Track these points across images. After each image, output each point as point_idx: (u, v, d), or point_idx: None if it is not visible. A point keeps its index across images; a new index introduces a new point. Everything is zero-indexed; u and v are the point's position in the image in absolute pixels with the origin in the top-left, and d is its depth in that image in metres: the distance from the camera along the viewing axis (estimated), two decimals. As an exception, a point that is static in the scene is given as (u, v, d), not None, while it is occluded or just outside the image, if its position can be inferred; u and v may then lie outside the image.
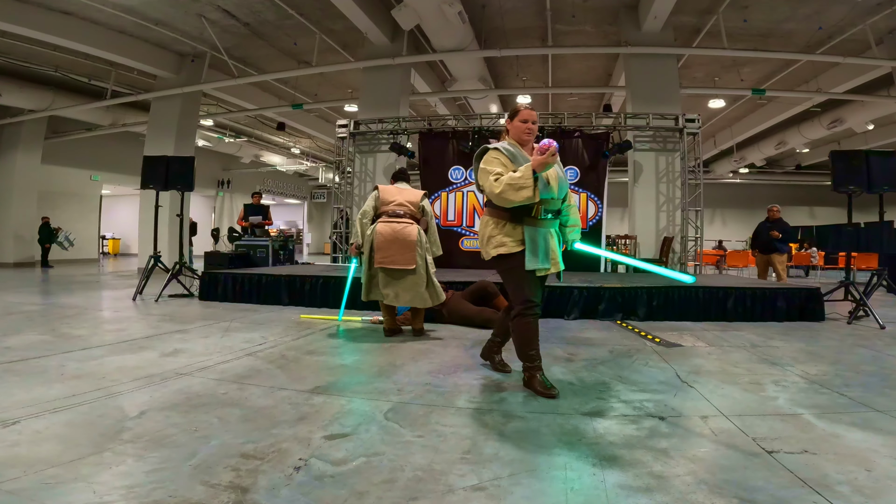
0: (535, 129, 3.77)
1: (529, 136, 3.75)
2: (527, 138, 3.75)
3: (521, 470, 2.38)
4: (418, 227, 5.55)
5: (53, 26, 11.93)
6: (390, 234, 5.42)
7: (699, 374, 4.17)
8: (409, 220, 5.55)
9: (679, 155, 11.89)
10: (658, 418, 3.10)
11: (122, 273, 15.41)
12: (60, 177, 20.52)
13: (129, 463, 2.36)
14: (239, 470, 2.31)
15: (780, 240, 10.30)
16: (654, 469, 2.39)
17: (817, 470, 2.38)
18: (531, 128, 3.74)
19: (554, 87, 16.69)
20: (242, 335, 5.52)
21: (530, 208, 3.56)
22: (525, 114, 3.74)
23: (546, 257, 3.59)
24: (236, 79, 14.41)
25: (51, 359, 4.30)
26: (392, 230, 5.43)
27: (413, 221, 5.56)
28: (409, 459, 2.47)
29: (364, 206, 5.68)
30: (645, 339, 5.74)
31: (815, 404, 3.39)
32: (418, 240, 5.46)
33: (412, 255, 5.41)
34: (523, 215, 3.59)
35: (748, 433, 2.84)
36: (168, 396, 3.35)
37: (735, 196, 30.58)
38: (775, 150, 22.60)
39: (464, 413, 3.17)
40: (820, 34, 12.65)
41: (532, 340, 3.69)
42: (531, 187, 3.33)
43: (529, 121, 3.73)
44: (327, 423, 2.94)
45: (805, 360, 4.78)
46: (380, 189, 5.73)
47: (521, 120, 3.73)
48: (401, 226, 5.47)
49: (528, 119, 3.73)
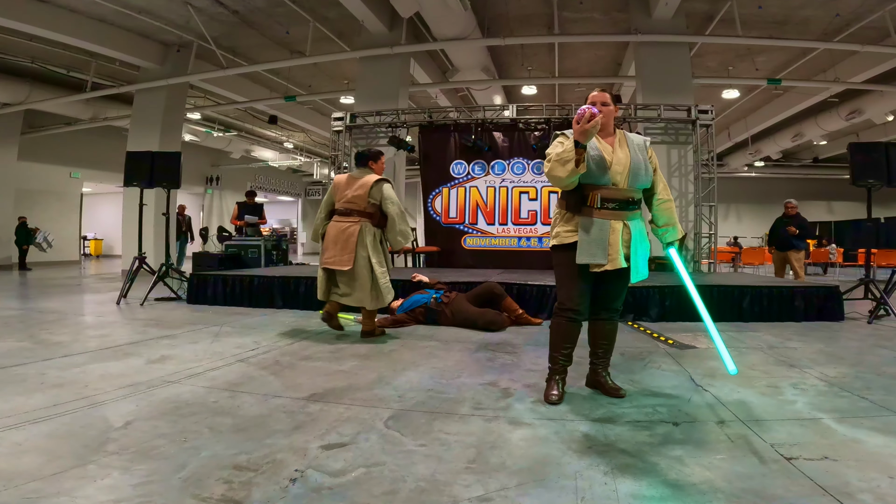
0: (602, 110, 3.42)
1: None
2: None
3: (528, 480, 2.38)
4: (363, 225, 5.63)
5: (29, 15, 11.86)
6: (335, 234, 5.65)
7: (714, 378, 4.18)
8: (357, 217, 5.63)
9: (692, 148, 11.88)
10: (672, 424, 3.10)
11: (105, 276, 15.37)
12: (38, 174, 20.43)
13: (115, 476, 2.35)
14: (231, 482, 2.31)
15: (798, 236, 10.31)
16: (668, 477, 2.40)
17: (838, 477, 2.38)
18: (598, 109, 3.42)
19: (561, 78, 16.68)
20: (234, 340, 5.51)
21: (586, 197, 3.49)
22: (591, 96, 3.58)
23: (600, 251, 3.43)
24: (225, 70, 14.40)
25: (30, 367, 4.29)
26: (337, 230, 5.65)
27: (361, 219, 5.64)
28: (412, 470, 2.47)
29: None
30: (658, 340, 5.75)
31: (835, 408, 3.40)
32: (359, 240, 5.56)
33: (350, 256, 5.53)
34: (580, 205, 3.51)
35: (766, 439, 2.85)
36: (155, 405, 3.34)
37: (750, 190, 30.61)
38: (792, 143, 22.59)
39: (468, 420, 3.17)
40: (837, 21, 12.64)
41: (557, 344, 3.64)
42: (573, 160, 3.21)
43: (596, 102, 3.52)
44: (324, 432, 2.94)
45: (824, 361, 4.78)
46: (333, 182, 5.91)
47: (590, 102, 3.52)
48: (345, 225, 5.63)
49: (594, 101, 3.52)
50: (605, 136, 3.60)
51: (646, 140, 3.69)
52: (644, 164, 3.56)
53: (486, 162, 12.24)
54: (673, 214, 3.73)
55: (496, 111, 12.66)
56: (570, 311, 3.57)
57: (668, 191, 3.72)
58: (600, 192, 3.46)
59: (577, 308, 3.57)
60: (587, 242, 3.45)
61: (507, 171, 12.11)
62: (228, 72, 14.53)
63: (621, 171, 3.48)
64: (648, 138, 3.73)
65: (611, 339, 3.81)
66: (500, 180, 12.13)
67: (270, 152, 28.45)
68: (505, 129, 12.31)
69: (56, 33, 12.54)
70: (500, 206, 12.13)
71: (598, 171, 3.44)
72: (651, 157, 3.65)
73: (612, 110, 3.60)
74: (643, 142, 3.67)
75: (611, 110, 3.58)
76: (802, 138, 21.74)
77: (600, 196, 3.46)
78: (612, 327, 3.79)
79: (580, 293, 3.57)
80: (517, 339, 5.81)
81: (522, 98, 18.40)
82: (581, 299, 3.57)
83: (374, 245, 5.63)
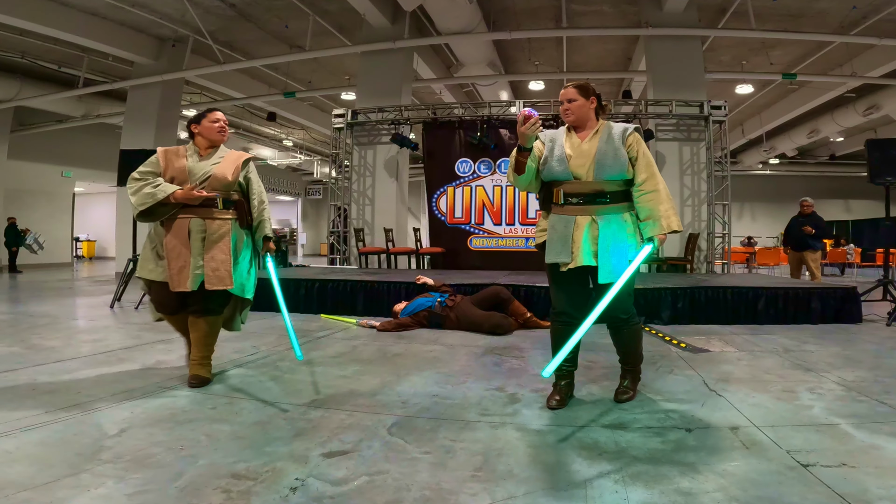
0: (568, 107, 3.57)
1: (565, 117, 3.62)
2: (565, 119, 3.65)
3: (537, 488, 2.38)
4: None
5: (19, 8, 11.89)
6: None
7: (728, 382, 4.16)
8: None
9: (704, 145, 11.89)
10: (684, 430, 3.09)
11: (99, 278, 15.42)
12: (28, 173, 20.54)
13: (109, 485, 2.35)
14: (230, 491, 2.31)
15: (814, 236, 10.27)
16: (681, 485, 2.39)
17: (857, 484, 2.37)
18: (564, 107, 3.59)
19: (569, 73, 16.67)
20: (232, 345, 5.51)
21: (552, 194, 3.53)
22: (560, 93, 3.63)
23: (564, 248, 3.43)
24: (222, 65, 14.44)
25: (21, 373, 4.29)
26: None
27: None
28: (416, 478, 2.47)
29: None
30: (670, 344, 5.73)
31: (853, 413, 3.38)
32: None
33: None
34: (548, 202, 3.58)
35: (782, 445, 2.84)
36: (150, 412, 3.35)
37: (765, 189, 30.57)
38: (807, 139, 22.59)
39: (474, 427, 3.17)
40: (854, 14, 12.63)
41: (555, 348, 3.54)
42: (514, 165, 3.47)
43: (563, 100, 3.59)
44: (326, 439, 2.94)
45: (842, 365, 4.76)
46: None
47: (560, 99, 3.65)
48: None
49: (561, 99, 3.61)
50: (581, 130, 3.60)
51: (627, 128, 3.56)
52: (614, 153, 3.44)
53: (493, 160, 12.26)
54: (655, 206, 3.42)
55: (502, 107, 12.69)
56: (560, 314, 3.60)
57: (654, 180, 3.46)
58: (563, 187, 3.50)
59: (565, 310, 3.57)
60: (553, 240, 3.50)
61: (513, 169, 12.08)
62: (225, 67, 14.57)
63: (583, 164, 3.45)
64: (631, 126, 3.58)
65: (624, 344, 3.74)
66: (506, 179, 12.10)
67: (269, 150, 28.53)
68: (512, 126, 12.29)
69: (47, 27, 12.58)
70: (508, 205, 12.14)
71: (559, 166, 3.47)
72: (631, 144, 3.49)
73: (582, 104, 3.56)
74: (622, 130, 3.54)
75: (580, 105, 3.56)
76: (818, 135, 21.73)
77: (563, 191, 3.50)
78: (627, 332, 3.68)
79: (566, 295, 3.59)
80: (525, 342, 5.80)
81: (530, 94, 18.45)
82: (568, 301, 3.58)
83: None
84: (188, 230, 4.01)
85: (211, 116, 4.25)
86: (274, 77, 17.62)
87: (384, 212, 13.29)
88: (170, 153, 4.21)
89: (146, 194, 3.97)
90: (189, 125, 4.32)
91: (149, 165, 4.12)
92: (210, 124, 4.24)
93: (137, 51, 14.81)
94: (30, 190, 20.55)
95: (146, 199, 3.96)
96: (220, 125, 4.28)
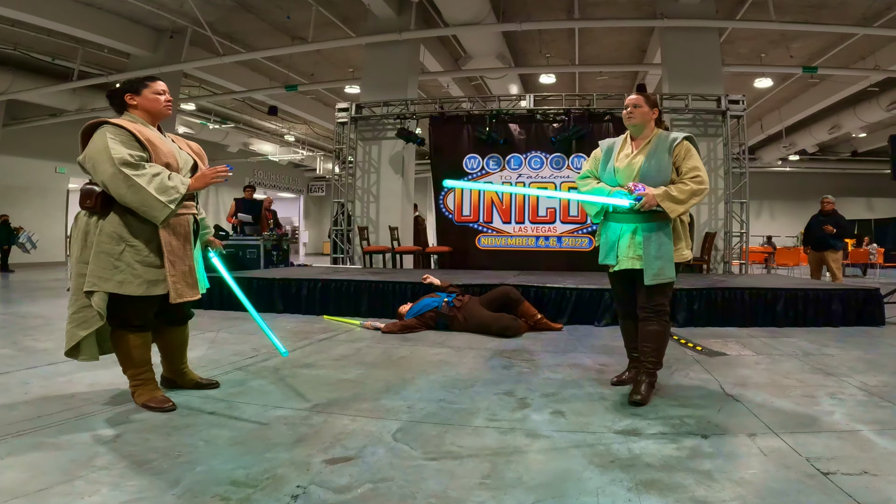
0: (632, 112, 3.88)
1: (628, 120, 3.91)
2: (627, 122, 3.94)
3: (547, 496, 2.38)
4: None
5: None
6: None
7: (746, 387, 4.15)
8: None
9: (722, 140, 11.85)
10: (700, 436, 3.09)
11: (94, 277, 15.39)
12: (21, 169, 20.55)
13: (104, 492, 2.35)
14: (229, 499, 2.31)
15: (835, 235, 10.26)
16: (696, 494, 2.38)
17: (879, 493, 2.36)
18: (628, 111, 3.90)
19: (581, 66, 16.67)
20: (231, 347, 5.53)
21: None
22: (627, 100, 3.95)
23: (612, 253, 3.89)
24: (221, 57, 14.46)
25: (12, 375, 4.31)
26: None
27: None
28: (422, 485, 2.47)
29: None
30: (685, 347, 5.72)
31: (875, 419, 3.37)
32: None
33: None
34: (604, 212, 3.99)
35: (801, 452, 2.83)
36: (147, 417, 3.36)
37: (784, 186, 30.46)
38: (829, 135, 22.50)
39: (482, 432, 3.17)
40: (877, 5, 12.55)
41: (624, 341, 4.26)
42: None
43: (629, 105, 3.90)
44: (328, 445, 2.94)
45: (864, 369, 4.75)
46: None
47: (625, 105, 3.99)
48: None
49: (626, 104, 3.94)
50: (637, 138, 3.92)
51: (676, 138, 3.77)
52: (657, 168, 3.73)
53: (502, 156, 12.23)
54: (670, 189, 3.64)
55: (512, 101, 12.67)
56: (619, 310, 4.21)
57: (696, 180, 3.66)
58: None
59: (620, 308, 4.18)
60: (602, 245, 4.01)
61: (523, 165, 12.10)
62: (225, 59, 14.59)
63: (629, 178, 3.79)
64: (681, 135, 3.80)
65: (649, 340, 3.85)
66: (516, 175, 12.13)
67: (270, 145, 28.56)
68: (521, 121, 12.30)
69: (40, 18, 12.55)
70: (517, 203, 12.11)
71: (609, 179, 3.92)
72: (678, 154, 3.75)
73: (646, 112, 3.88)
74: (671, 141, 3.77)
75: (643, 112, 3.86)
76: (840, 130, 21.64)
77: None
78: (651, 328, 3.82)
79: (617, 294, 4.14)
80: (535, 345, 5.79)
81: (540, 87, 18.41)
82: (618, 298, 4.17)
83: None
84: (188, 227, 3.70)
85: (154, 87, 3.61)
86: (275, 70, 17.66)
87: (389, 209, 13.28)
88: (144, 130, 3.48)
89: (169, 187, 3.36)
90: (122, 94, 3.60)
91: (132, 147, 3.36)
92: (154, 96, 3.60)
93: (134, 42, 14.82)
94: (22, 186, 20.54)
95: (172, 192, 3.36)
96: (166, 97, 3.67)
